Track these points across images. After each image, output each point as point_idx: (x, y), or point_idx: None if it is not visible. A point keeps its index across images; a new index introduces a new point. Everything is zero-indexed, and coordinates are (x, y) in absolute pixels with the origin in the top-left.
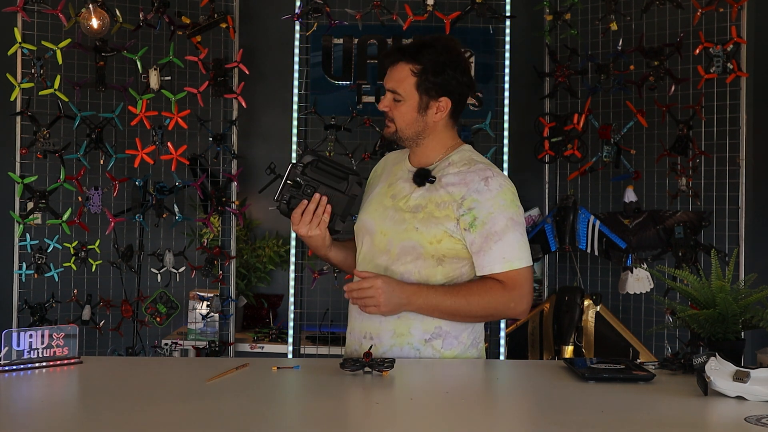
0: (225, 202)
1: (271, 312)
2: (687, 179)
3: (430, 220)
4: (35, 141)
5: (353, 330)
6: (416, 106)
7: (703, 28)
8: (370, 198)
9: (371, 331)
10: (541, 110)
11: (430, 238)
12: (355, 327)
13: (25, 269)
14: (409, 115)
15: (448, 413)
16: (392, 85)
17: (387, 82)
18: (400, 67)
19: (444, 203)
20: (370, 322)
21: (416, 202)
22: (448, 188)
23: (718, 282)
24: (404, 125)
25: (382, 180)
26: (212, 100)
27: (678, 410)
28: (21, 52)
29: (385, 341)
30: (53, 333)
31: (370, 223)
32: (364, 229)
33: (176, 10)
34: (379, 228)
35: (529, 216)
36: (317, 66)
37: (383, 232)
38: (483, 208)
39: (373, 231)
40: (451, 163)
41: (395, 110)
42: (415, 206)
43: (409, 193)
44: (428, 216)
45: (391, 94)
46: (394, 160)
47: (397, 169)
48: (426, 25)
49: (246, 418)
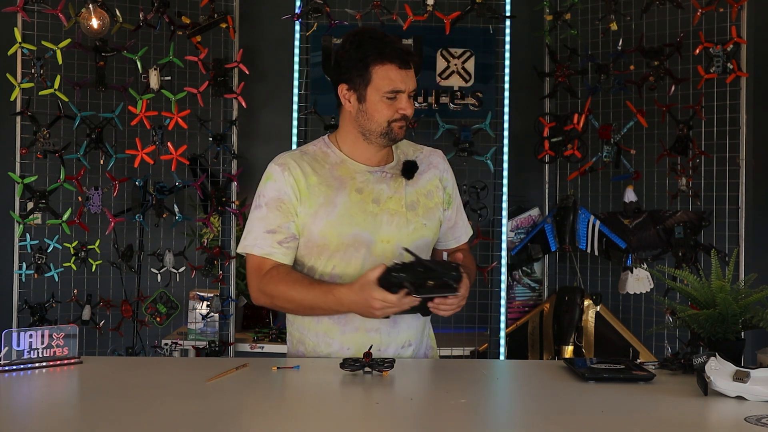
0: (225, 202)
1: (271, 312)
2: (687, 179)
3: (428, 212)
4: (35, 141)
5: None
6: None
7: (703, 28)
8: (340, 210)
9: (409, 338)
10: (541, 110)
11: (434, 230)
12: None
13: (25, 269)
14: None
15: (448, 413)
16: (414, 83)
17: (411, 81)
18: (413, 67)
19: (430, 192)
20: (408, 331)
21: (411, 199)
22: (424, 176)
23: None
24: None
25: (337, 188)
26: (212, 100)
27: (678, 410)
28: (21, 52)
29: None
30: (53, 333)
31: (364, 235)
32: (358, 243)
33: (176, 10)
34: (379, 237)
35: (529, 216)
36: (317, 66)
37: (386, 239)
38: (450, 183)
39: (370, 242)
40: (403, 152)
41: (412, 107)
42: (411, 203)
43: (394, 192)
44: (425, 209)
45: (411, 92)
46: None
47: (343, 173)
48: (426, 25)
49: (246, 418)
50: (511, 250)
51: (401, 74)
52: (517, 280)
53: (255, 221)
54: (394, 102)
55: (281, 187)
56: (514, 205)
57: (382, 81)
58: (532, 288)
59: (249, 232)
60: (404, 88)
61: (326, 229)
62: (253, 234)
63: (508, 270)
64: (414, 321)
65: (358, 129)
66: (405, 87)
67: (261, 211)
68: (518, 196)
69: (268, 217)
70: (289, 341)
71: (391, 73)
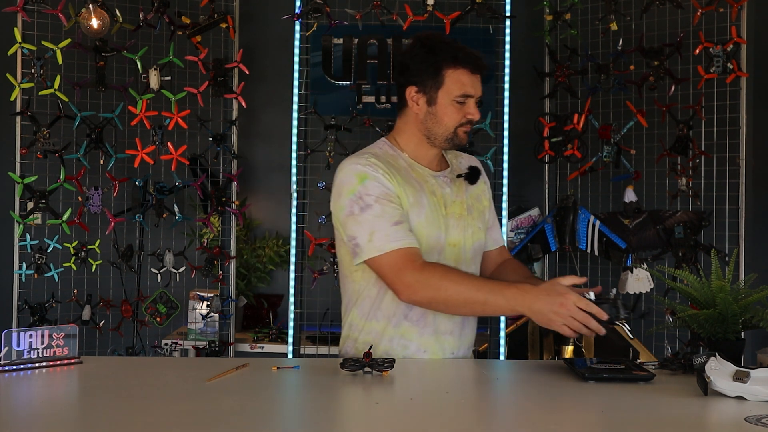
0: (225, 202)
1: (271, 312)
2: (687, 179)
3: (480, 215)
4: (35, 141)
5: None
6: None
7: (703, 28)
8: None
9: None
10: (541, 110)
11: (484, 232)
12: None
13: (25, 269)
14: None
15: (448, 413)
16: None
17: (479, 88)
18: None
19: (478, 196)
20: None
21: (468, 203)
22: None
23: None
24: None
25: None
26: (212, 100)
27: (678, 410)
28: (21, 52)
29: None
30: (53, 333)
31: (441, 237)
32: (436, 245)
33: (176, 10)
34: (448, 240)
35: (529, 216)
36: (317, 66)
37: (452, 243)
38: (488, 187)
39: (442, 245)
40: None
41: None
42: (468, 207)
43: (456, 196)
44: (478, 212)
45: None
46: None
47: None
48: (426, 25)
49: (246, 417)
50: (511, 250)
51: (472, 79)
52: None
53: (374, 220)
54: (463, 107)
55: (383, 182)
56: (514, 205)
57: (454, 85)
58: None
59: (374, 232)
60: (474, 93)
61: (418, 229)
62: (382, 231)
63: None
64: (474, 323)
65: (424, 132)
66: (475, 92)
67: (374, 209)
68: (518, 196)
69: (386, 211)
70: (350, 346)
71: (463, 78)
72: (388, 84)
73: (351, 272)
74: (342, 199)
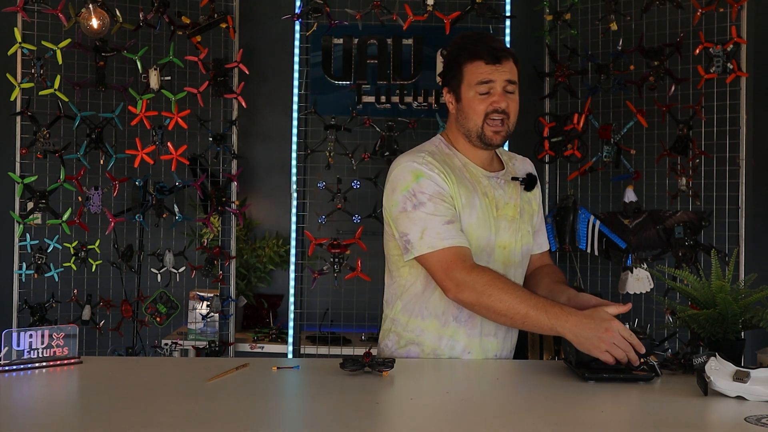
0: (225, 202)
1: (271, 312)
2: (687, 179)
3: (530, 219)
4: (35, 141)
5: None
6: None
7: (703, 28)
8: (478, 212)
9: (514, 343)
10: (541, 110)
11: (532, 235)
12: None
13: (25, 269)
14: (518, 107)
15: (448, 413)
16: (511, 76)
17: (503, 73)
18: (509, 61)
19: (530, 199)
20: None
21: (520, 206)
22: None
23: (718, 282)
24: (515, 119)
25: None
26: (212, 100)
27: (678, 410)
28: (21, 52)
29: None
30: (53, 333)
31: (491, 239)
32: (486, 247)
33: (176, 10)
34: (498, 242)
35: None
36: (317, 66)
37: (503, 245)
38: (539, 191)
39: (492, 247)
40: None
41: (512, 102)
42: (520, 211)
43: (509, 198)
44: (528, 216)
45: (505, 85)
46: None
47: (472, 177)
48: (426, 25)
49: (246, 418)
50: None
51: (489, 68)
52: None
53: (426, 218)
54: (488, 96)
55: (438, 182)
56: None
57: (472, 76)
58: None
59: (425, 230)
60: (494, 78)
61: (468, 230)
62: (434, 229)
63: None
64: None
65: (461, 130)
66: (495, 77)
67: (427, 207)
68: None
69: (439, 210)
70: (392, 341)
71: (480, 68)
72: (388, 84)
73: (398, 267)
74: (395, 195)
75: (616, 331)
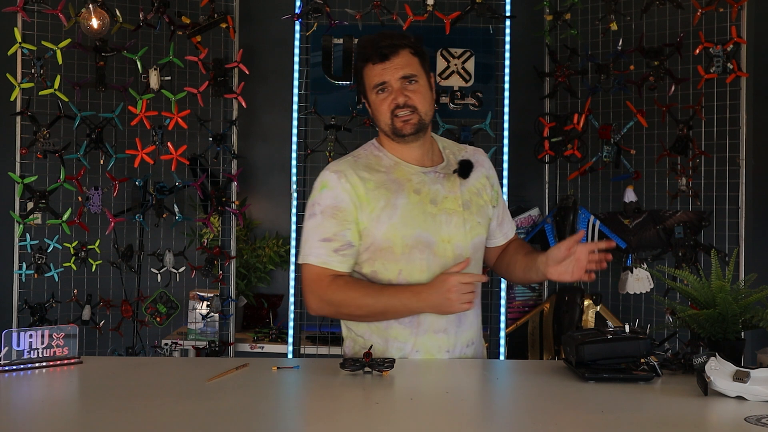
0: (225, 202)
1: (271, 312)
2: (687, 179)
3: (480, 210)
4: (35, 141)
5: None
6: (428, 84)
7: (703, 28)
8: (401, 212)
9: (472, 338)
10: (541, 110)
11: (486, 228)
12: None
13: (25, 269)
14: (428, 95)
15: (448, 413)
16: (405, 71)
17: (395, 70)
18: (403, 53)
19: (479, 190)
20: (470, 330)
21: (465, 198)
22: (472, 175)
23: (718, 282)
24: (427, 107)
25: (396, 191)
26: (212, 100)
27: (678, 410)
28: (21, 52)
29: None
30: (53, 333)
31: (426, 236)
32: (421, 245)
33: (176, 10)
34: (440, 237)
35: (529, 216)
36: (317, 66)
37: (446, 239)
38: (495, 180)
39: (432, 242)
40: (451, 152)
41: (415, 94)
42: (465, 202)
43: (449, 192)
44: (478, 207)
45: (401, 81)
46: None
47: (400, 175)
48: (426, 25)
49: (246, 417)
50: None
51: (378, 68)
52: None
53: (310, 230)
54: (388, 95)
55: (338, 195)
56: (514, 205)
57: (368, 80)
58: (532, 288)
59: (305, 242)
60: (387, 79)
61: (390, 232)
62: (309, 243)
63: None
64: (474, 320)
65: (381, 130)
66: (387, 77)
67: (316, 219)
68: (518, 196)
69: (323, 225)
70: (349, 346)
71: (371, 71)
72: None
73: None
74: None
75: (455, 283)
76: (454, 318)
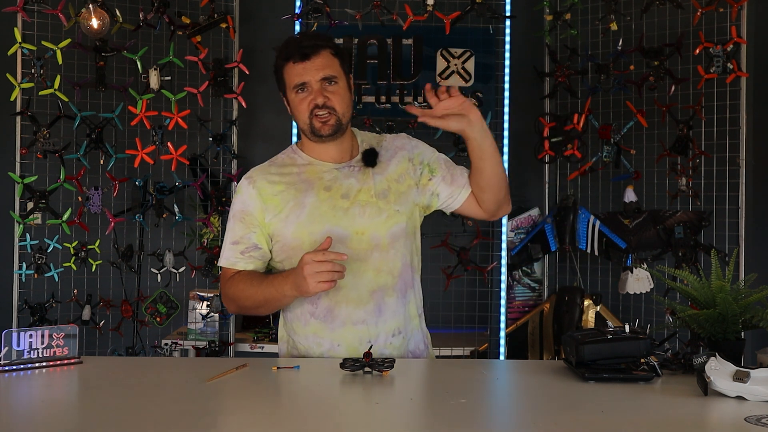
0: (225, 202)
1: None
2: (687, 179)
3: (401, 197)
4: (35, 141)
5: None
6: (347, 86)
7: (703, 28)
8: (309, 210)
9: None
10: (541, 110)
11: (408, 214)
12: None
13: (25, 269)
14: (347, 96)
15: (448, 413)
16: (326, 72)
17: (316, 71)
18: (324, 54)
19: (401, 176)
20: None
21: (381, 187)
22: (392, 162)
23: (718, 282)
24: (345, 108)
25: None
26: (212, 100)
27: (678, 410)
28: (21, 52)
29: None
30: (53, 333)
31: (337, 230)
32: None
33: (176, 10)
34: (354, 230)
35: (529, 216)
36: None
37: (360, 231)
38: (426, 154)
39: (345, 236)
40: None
41: (334, 96)
42: (381, 191)
43: (362, 184)
44: (397, 194)
45: (321, 82)
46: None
47: (311, 175)
48: (426, 25)
49: (246, 418)
50: (511, 250)
51: (299, 67)
52: (517, 280)
53: (226, 234)
54: (307, 95)
55: (245, 200)
56: (514, 205)
57: (289, 79)
58: (532, 288)
59: (224, 244)
60: (307, 79)
61: (297, 231)
62: (224, 246)
63: (508, 270)
64: (399, 309)
65: (300, 130)
66: (307, 77)
67: (229, 223)
68: (518, 196)
69: (233, 229)
70: (282, 345)
71: (293, 70)
72: (388, 84)
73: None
74: None
75: (308, 261)
76: (372, 308)
